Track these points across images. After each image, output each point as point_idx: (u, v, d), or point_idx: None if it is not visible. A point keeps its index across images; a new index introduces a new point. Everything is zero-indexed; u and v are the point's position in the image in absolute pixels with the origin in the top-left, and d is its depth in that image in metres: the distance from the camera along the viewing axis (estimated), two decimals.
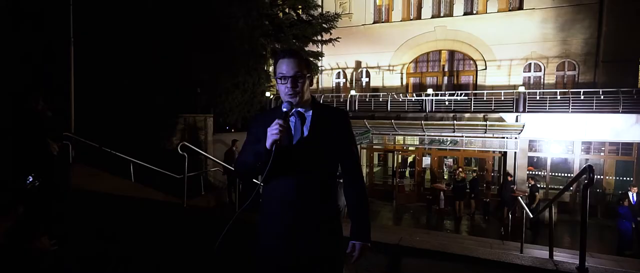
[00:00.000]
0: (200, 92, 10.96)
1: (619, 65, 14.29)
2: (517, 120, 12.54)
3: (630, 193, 9.10)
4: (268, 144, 1.58)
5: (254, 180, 4.87)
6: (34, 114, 3.26)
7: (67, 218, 3.90)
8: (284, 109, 1.66)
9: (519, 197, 8.23)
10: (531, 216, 6.14)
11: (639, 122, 11.31)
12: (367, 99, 15.81)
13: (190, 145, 5.70)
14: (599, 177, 12.87)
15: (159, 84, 9.35)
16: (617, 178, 12.97)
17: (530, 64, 15.96)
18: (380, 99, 15.48)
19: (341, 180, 1.88)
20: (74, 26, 8.12)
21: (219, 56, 11.04)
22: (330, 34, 16.19)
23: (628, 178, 12.55)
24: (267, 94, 15.72)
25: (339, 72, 19.45)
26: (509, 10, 16.16)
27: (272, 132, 1.57)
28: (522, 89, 13.07)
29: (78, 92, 8.45)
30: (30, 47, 8.30)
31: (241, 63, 12.68)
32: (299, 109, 1.76)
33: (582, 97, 12.20)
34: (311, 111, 1.78)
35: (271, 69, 18.32)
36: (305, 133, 1.73)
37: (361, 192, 1.83)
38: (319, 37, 16.53)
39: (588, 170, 3.26)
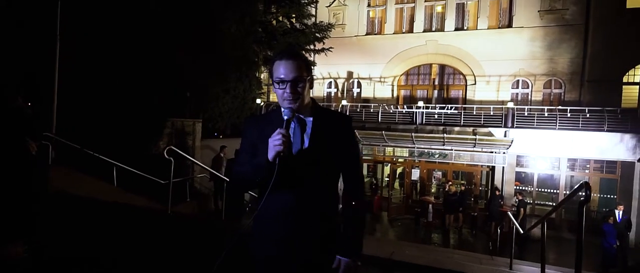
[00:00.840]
0: (190, 96, 10.75)
1: (603, 85, 14.66)
2: (505, 136, 12.67)
3: (616, 212, 9.22)
4: (270, 156, 1.46)
5: (250, 192, 4.73)
6: (12, 111, 3.07)
7: (42, 222, 3.68)
8: (285, 117, 1.54)
9: (509, 212, 8.23)
10: (522, 232, 6.10)
11: (623, 141, 11.54)
12: (358, 110, 15.82)
13: (177, 150, 5.52)
14: None
15: (147, 86, 9.13)
16: (601, 195, 13.18)
17: (518, 80, 16.25)
18: (371, 110, 15.50)
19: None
20: (61, 23, 7.87)
21: (211, 61, 10.88)
22: (323, 43, 16.24)
23: (612, 196, 12.76)
24: (258, 100, 15.59)
25: (331, 82, 19.46)
26: (499, 28, 16.49)
27: (275, 143, 1.45)
28: (511, 105, 13.25)
29: (63, 91, 8.17)
30: (13, 43, 8.02)
31: (233, 69, 12.53)
32: (299, 114, 1.64)
33: (568, 115, 12.42)
34: (312, 117, 1.66)
35: (263, 76, 18.27)
36: (306, 141, 1.61)
37: (360, 206, 1.72)
38: (312, 46, 16.59)
39: (584, 186, 3.22)
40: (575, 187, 3.50)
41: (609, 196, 12.88)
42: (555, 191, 13.40)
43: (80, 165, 7.07)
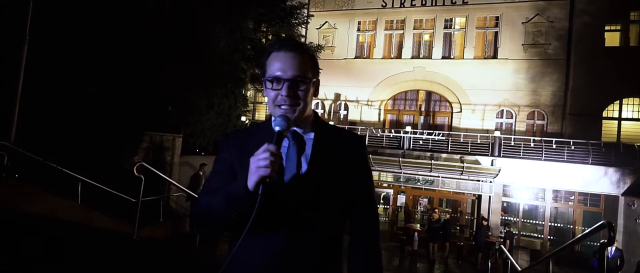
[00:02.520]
0: (172, 110, 10.21)
1: (584, 119, 14.95)
2: (492, 164, 12.59)
3: (609, 247, 9.05)
4: (251, 183, 1.04)
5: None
6: None
7: None
8: (277, 128, 1.11)
9: (503, 246, 7.93)
10: (519, 269, 5.77)
11: (607, 175, 11.61)
12: None
13: (149, 167, 4.99)
14: (568, 226, 12.97)
15: (125, 97, 8.57)
16: (585, 228, 13.13)
17: (502, 110, 16.43)
18: (358, 133, 15.25)
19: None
20: (33, 22, 7.31)
21: (196, 75, 10.44)
22: None
23: None
24: (243, 118, 15.14)
25: (318, 103, 19.25)
26: (484, 58, 16.80)
27: (260, 163, 1.03)
28: (497, 134, 13.26)
29: (28, 96, 7.50)
30: None
31: (218, 84, 12.12)
32: (296, 128, 1.23)
33: (554, 146, 12.49)
34: (313, 133, 1.25)
35: (249, 93, 17.89)
36: (304, 166, 1.19)
37: (375, 260, 1.26)
38: None
39: (608, 226, 2.93)
40: (596, 225, 3.21)
41: None
42: (541, 222, 13.28)
43: (40, 179, 6.37)
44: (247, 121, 15.32)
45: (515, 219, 13.73)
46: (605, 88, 14.49)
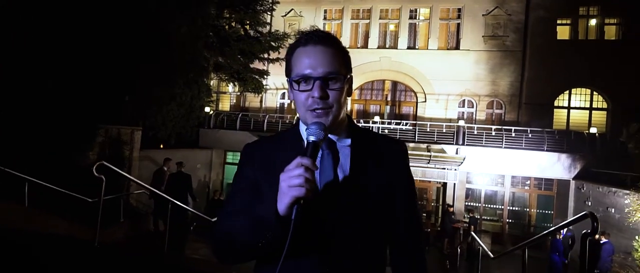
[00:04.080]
0: (129, 101, 9.43)
1: (537, 108, 15.84)
2: (457, 152, 13.00)
3: (562, 230, 9.68)
4: (283, 206, 0.87)
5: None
6: None
7: None
8: (312, 138, 0.94)
9: (472, 233, 8.20)
10: (492, 256, 5.94)
11: (560, 160, 12.40)
12: None
13: (110, 166, 4.49)
14: (525, 210, 13.76)
15: (75, 87, 7.74)
16: (539, 211, 14.03)
17: (464, 100, 17.00)
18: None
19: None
20: None
21: (156, 63, 9.70)
22: (279, 52, 15.68)
23: (549, 212, 13.63)
24: (207, 109, 14.47)
25: (284, 93, 18.86)
26: (447, 49, 17.23)
27: (293, 182, 0.86)
28: (462, 123, 13.68)
29: None
30: None
31: (180, 74, 11.40)
32: (331, 136, 1.05)
33: (513, 135, 13.10)
34: (349, 140, 1.08)
35: (213, 83, 17.12)
36: (340, 177, 1.02)
37: None
38: (266, 55, 15.96)
39: (591, 217, 2.98)
40: (579, 215, 3.27)
41: (546, 211, 13.74)
42: (500, 207, 13.99)
43: None
44: (211, 112, 14.66)
45: (477, 204, 14.36)
46: (556, 79, 15.40)
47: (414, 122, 15.36)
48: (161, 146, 13.04)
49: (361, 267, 1.02)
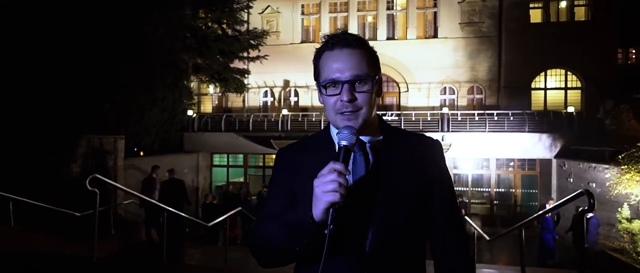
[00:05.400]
0: (109, 109, 9.09)
1: (516, 91, 16.28)
2: (443, 139, 13.22)
3: (547, 206, 10.00)
4: (318, 212, 0.89)
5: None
6: None
7: None
8: (344, 142, 0.94)
9: (466, 217, 8.35)
10: (488, 238, 6.08)
11: (541, 140, 12.81)
12: (300, 119, 15.31)
13: (103, 178, 4.34)
14: (510, 190, 14.16)
15: (53, 99, 7.38)
16: (524, 191, 14.48)
17: (445, 87, 17.28)
18: (313, 119, 15.11)
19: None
20: None
21: (134, 68, 9.38)
22: (259, 50, 15.48)
23: (533, 191, 14.08)
24: (190, 112, 14.16)
25: (267, 91, 18.68)
26: (426, 38, 17.44)
27: (327, 187, 0.88)
28: (445, 110, 13.91)
29: None
30: None
31: (160, 78, 11.07)
32: (362, 137, 1.04)
33: (495, 118, 13.42)
34: (381, 139, 1.07)
35: (193, 85, 16.73)
36: (374, 180, 1.03)
37: None
38: (246, 54, 15.71)
39: (587, 194, 3.08)
40: (575, 193, 3.37)
41: (530, 191, 14.20)
42: (487, 189, 14.34)
43: None
44: (194, 115, 14.35)
45: (464, 189, 14.69)
46: (532, 61, 15.84)
47: (399, 112, 15.50)
48: (141, 153, 12.68)
49: (399, 267, 1.01)
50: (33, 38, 7.03)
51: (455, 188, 1.19)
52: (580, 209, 3.34)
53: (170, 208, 5.27)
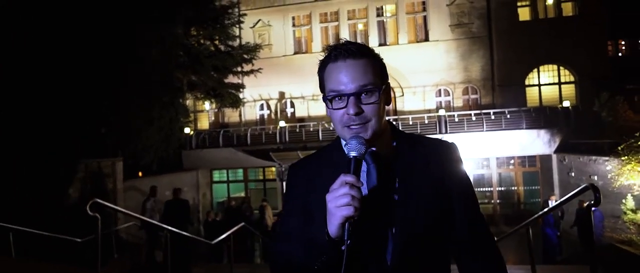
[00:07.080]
0: (106, 132, 9.04)
1: (510, 89, 16.37)
2: None
3: (550, 202, 9.95)
4: (333, 228, 0.87)
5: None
6: None
7: None
8: (353, 153, 0.92)
9: None
10: (495, 238, 6.01)
11: (540, 136, 12.83)
12: (297, 130, 15.29)
13: (104, 202, 4.28)
14: (512, 188, 14.12)
15: (49, 125, 7.32)
16: (526, 188, 14.45)
17: (440, 89, 17.36)
18: (311, 129, 15.08)
19: None
20: None
21: (130, 90, 9.35)
22: (252, 64, 15.53)
23: (535, 188, 14.05)
24: (186, 129, 14.10)
25: (263, 104, 18.69)
26: (417, 42, 17.57)
27: (340, 202, 0.85)
28: (442, 112, 13.94)
29: None
30: None
31: (155, 97, 11.06)
32: (372, 148, 1.01)
33: (492, 117, 13.46)
34: (394, 147, 1.05)
35: (188, 102, 16.72)
36: (389, 189, 1.00)
37: None
38: (240, 68, 15.76)
39: (592, 189, 3.04)
40: (580, 188, 3.34)
41: (533, 187, 14.17)
42: (489, 189, 14.30)
43: None
44: (191, 132, 14.29)
45: None
46: (524, 58, 15.97)
47: (396, 116, 15.53)
48: (139, 174, 12.57)
49: None
50: (26, 65, 7.00)
51: None
52: (585, 204, 3.31)
53: (172, 228, 5.19)
